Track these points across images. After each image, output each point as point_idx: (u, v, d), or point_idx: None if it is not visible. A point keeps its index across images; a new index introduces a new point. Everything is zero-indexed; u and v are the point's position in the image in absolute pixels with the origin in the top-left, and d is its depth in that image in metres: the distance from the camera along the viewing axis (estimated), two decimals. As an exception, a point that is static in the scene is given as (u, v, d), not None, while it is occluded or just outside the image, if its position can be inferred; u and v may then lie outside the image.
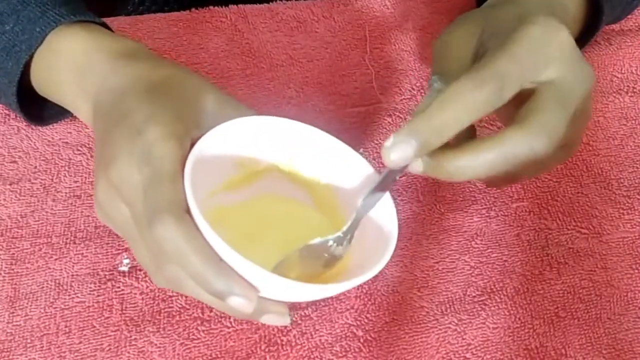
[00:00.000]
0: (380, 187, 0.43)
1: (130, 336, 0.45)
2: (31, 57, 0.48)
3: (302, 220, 0.45)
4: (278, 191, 0.48)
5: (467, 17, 0.47)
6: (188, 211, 0.39)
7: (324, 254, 0.44)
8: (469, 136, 0.44)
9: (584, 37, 0.58)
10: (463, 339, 0.47)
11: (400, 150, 0.39)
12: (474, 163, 0.40)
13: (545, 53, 0.41)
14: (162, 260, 0.40)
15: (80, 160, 0.52)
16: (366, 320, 0.47)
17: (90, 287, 0.47)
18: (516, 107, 0.42)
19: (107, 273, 0.48)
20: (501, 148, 0.40)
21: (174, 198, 0.39)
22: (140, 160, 0.40)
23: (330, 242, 0.44)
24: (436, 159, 0.41)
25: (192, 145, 0.42)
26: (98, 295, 0.47)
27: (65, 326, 0.45)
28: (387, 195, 0.44)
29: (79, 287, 0.47)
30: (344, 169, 0.46)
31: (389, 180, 0.43)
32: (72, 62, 0.47)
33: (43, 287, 0.47)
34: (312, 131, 0.46)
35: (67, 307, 0.46)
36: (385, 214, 0.44)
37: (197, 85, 0.46)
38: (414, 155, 0.39)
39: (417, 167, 0.41)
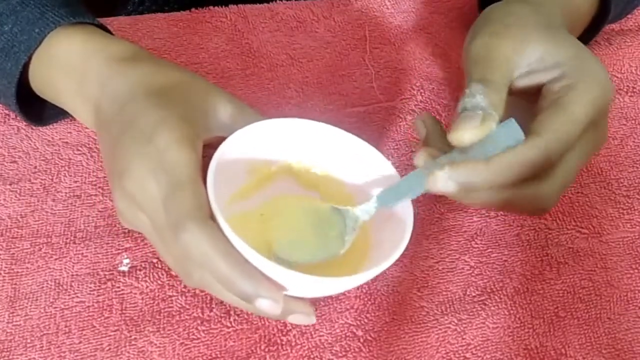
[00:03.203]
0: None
1: (130, 336, 0.45)
2: (30, 58, 0.48)
3: (319, 216, 0.46)
4: (293, 190, 0.48)
5: (506, 25, 0.47)
6: (211, 216, 0.40)
7: (338, 223, 0.46)
8: (439, 130, 0.46)
9: (584, 36, 0.58)
10: (463, 338, 0.47)
11: (448, 186, 0.42)
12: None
13: (598, 117, 0.45)
14: (190, 265, 0.41)
15: (80, 160, 0.52)
16: (366, 320, 0.47)
17: (90, 287, 0.47)
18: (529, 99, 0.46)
19: (107, 273, 0.48)
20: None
21: (196, 204, 0.39)
22: (155, 169, 0.41)
23: (351, 220, 0.45)
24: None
25: (204, 146, 0.43)
26: (98, 295, 0.47)
27: (65, 326, 0.45)
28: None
29: (79, 287, 0.47)
30: (360, 164, 0.48)
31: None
32: (70, 65, 0.47)
33: (43, 287, 0.47)
34: (330, 130, 0.47)
35: (67, 307, 0.46)
36: (401, 206, 0.45)
37: (200, 86, 0.46)
38: (454, 192, 0.42)
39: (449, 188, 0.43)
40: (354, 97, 0.59)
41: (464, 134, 0.42)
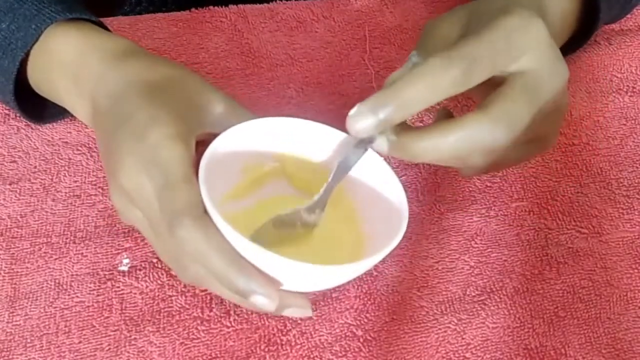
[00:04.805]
0: (350, 158, 0.44)
1: (130, 336, 0.45)
2: (27, 55, 0.48)
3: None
4: (286, 191, 0.48)
5: (460, 7, 0.47)
6: (205, 212, 0.40)
7: (297, 222, 0.45)
8: (445, 119, 0.44)
9: (582, 35, 0.58)
10: (462, 338, 0.47)
11: (363, 120, 0.40)
12: (437, 145, 0.40)
13: (519, 43, 0.41)
14: (185, 261, 0.41)
15: (80, 160, 0.52)
16: (366, 320, 0.47)
17: (90, 287, 0.47)
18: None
19: (106, 273, 0.48)
20: (462, 132, 0.40)
21: (191, 199, 0.39)
22: (148, 166, 0.41)
23: (302, 212, 0.45)
24: (401, 139, 0.41)
25: (197, 142, 0.43)
26: (98, 295, 0.47)
27: (65, 326, 0.45)
28: (393, 177, 0.45)
29: (78, 287, 0.47)
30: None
31: (358, 152, 0.44)
32: (66, 61, 0.48)
33: (43, 287, 0.47)
34: (320, 128, 0.47)
35: (66, 307, 0.46)
36: (393, 194, 0.45)
37: (194, 82, 0.46)
38: (376, 128, 0.40)
39: (383, 146, 0.42)
40: (354, 97, 0.59)
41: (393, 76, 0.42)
